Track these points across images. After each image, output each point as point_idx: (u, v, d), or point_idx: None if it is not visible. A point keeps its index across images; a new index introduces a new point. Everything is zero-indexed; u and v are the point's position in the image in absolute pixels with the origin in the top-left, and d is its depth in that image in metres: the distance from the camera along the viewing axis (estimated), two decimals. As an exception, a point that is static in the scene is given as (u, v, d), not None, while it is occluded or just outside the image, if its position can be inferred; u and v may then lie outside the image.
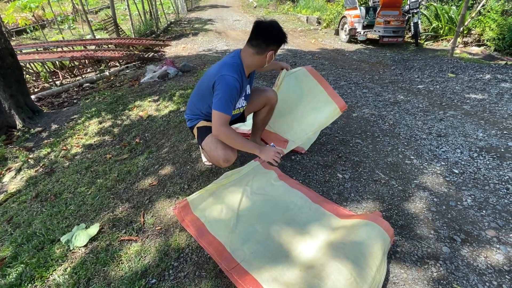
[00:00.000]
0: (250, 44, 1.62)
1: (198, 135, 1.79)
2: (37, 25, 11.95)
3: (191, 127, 1.84)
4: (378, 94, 3.41)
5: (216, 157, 1.66)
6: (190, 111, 1.84)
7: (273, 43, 1.61)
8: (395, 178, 1.93)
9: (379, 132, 2.51)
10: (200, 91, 1.75)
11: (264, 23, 1.58)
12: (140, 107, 3.50)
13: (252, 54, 1.62)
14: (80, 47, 7.07)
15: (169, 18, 12.26)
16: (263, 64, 1.68)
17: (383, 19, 5.47)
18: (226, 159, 1.65)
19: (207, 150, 1.72)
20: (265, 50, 1.60)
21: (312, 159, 2.13)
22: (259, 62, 1.66)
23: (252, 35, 1.60)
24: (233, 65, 1.62)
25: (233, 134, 1.56)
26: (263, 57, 1.63)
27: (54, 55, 5.80)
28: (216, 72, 1.61)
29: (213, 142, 1.66)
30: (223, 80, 1.55)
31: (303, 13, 10.64)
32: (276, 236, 1.42)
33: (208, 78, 1.65)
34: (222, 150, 1.63)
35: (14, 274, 1.51)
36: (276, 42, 1.61)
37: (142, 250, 1.49)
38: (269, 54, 1.62)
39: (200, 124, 1.79)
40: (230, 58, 1.66)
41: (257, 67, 1.73)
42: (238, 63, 1.64)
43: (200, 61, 5.32)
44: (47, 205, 2.12)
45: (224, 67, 1.61)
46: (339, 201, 1.73)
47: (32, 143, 3.30)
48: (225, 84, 1.54)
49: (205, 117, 1.80)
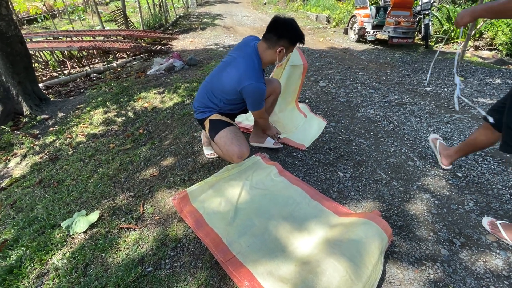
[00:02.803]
0: (264, 38, 1.65)
1: (210, 127, 1.77)
2: (47, 14, 12.07)
3: (202, 119, 1.82)
4: (384, 95, 3.37)
5: (231, 152, 1.67)
6: (202, 104, 1.81)
7: (284, 38, 1.61)
8: (396, 179, 1.91)
9: (383, 133, 2.49)
10: (221, 87, 1.72)
11: (281, 19, 1.60)
12: (145, 98, 3.52)
13: (265, 49, 1.65)
14: (89, 37, 7.11)
15: (178, 12, 12.27)
16: (273, 60, 1.69)
17: (393, 19, 5.39)
18: (240, 155, 1.67)
19: (220, 144, 1.72)
20: (276, 44, 1.62)
21: (313, 157, 2.12)
22: (270, 57, 1.67)
23: (267, 29, 1.63)
24: (255, 68, 1.64)
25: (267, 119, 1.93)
26: (273, 52, 1.64)
27: (63, 45, 5.85)
28: (240, 77, 1.61)
29: (228, 137, 1.68)
30: (253, 89, 1.61)
31: (313, 11, 10.56)
32: (273, 230, 1.42)
33: (231, 80, 1.64)
34: (237, 146, 1.66)
35: (14, 257, 1.54)
36: (287, 37, 1.61)
37: (140, 239, 1.51)
38: (279, 49, 1.62)
39: (213, 117, 1.77)
40: (250, 59, 1.64)
41: (269, 62, 1.72)
42: (259, 63, 1.66)
43: (207, 56, 5.31)
44: (50, 191, 2.15)
45: (250, 72, 1.61)
46: (338, 199, 1.72)
47: (38, 130, 3.34)
48: (256, 92, 1.62)
49: (219, 110, 1.79)
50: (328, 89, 3.54)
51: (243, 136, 1.81)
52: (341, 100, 3.20)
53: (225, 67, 1.72)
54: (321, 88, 3.59)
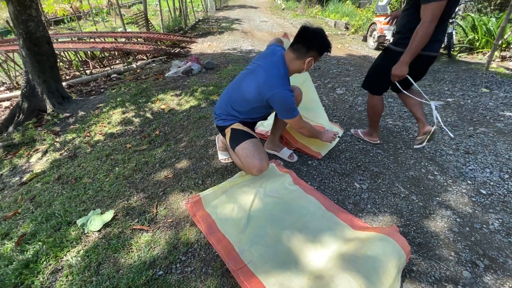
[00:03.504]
0: (291, 48, 1.64)
1: (232, 136, 1.76)
2: (73, 16, 12.57)
3: (223, 126, 1.81)
4: (404, 105, 3.28)
5: (251, 165, 1.67)
6: (224, 111, 1.80)
7: (313, 49, 1.60)
8: (415, 193, 1.84)
9: (402, 144, 2.41)
10: (241, 96, 1.71)
11: (310, 29, 1.59)
12: (162, 100, 3.58)
13: (293, 59, 1.64)
14: (111, 39, 7.34)
15: (197, 15, 12.49)
16: (301, 69, 1.68)
17: (415, 27, 5.27)
18: (260, 168, 1.67)
19: (241, 156, 1.71)
20: (305, 55, 1.61)
21: (329, 166, 2.07)
22: (298, 67, 1.66)
23: (295, 39, 1.63)
24: (283, 77, 1.63)
25: (311, 127, 1.81)
26: (302, 62, 1.63)
27: (86, 45, 6.06)
28: (267, 85, 1.60)
29: (250, 150, 1.68)
30: (281, 97, 1.59)
31: (331, 17, 10.49)
32: (286, 241, 1.39)
33: (257, 87, 1.63)
34: (258, 160, 1.66)
35: (31, 251, 1.58)
36: (316, 48, 1.61)
37: (152, 241, 1.51)
38: (308, 60, 1.62)
39: (235, 126, 1.77)
40: (275, 67, 1.63)
41: (296, 71, 1.71)
42: (287, 72, 1.65)
43: (224, 60, 5.36)
44: (68, 187, 2.21)
45: (277, 80, 1.60)
46: (354, 211, 1.67)
47: (59, 128, 3.46)
48: (284, 99, 1.60)
49: (241, 120, 1.78)
50: (345, 97, 3.48)
51: (264, 150, 1.80)
52: (358, 108, 3.14)
53: (248, 75, 1.72)
54: (338, 96, 3.54)
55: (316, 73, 4.50)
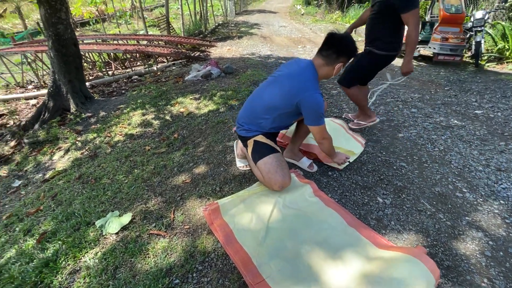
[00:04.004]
0: (320, 55, 1.64)
1: (254, 149, 1.74)
2: (99, 18, 13.04)
3: (246, 137, 1.78)
4: (428, 116, 3.16)
5: (273, 180, 1.66)
6: (246, 121, 1.78)
7: (343, 55, 1.62)
8: (443, 211, 1.74)
9: (427, 157, 2.31)
10: (270, 104, 1.68)
11: (338, 35, 1.60)
12: (181, 103, 3.61)
13: (322, 65, 1.64)
14: (133, 41, 7.53)
15: (217, 20, 12.66)
16: (330, 75, 1.69)
17: (440, 35, 5.10)
18: (282, 184, 1.67)
19: (263, 170, 1.69)
20: (335, 61, 1.62)
21: (350, 178, 2.00)
22: (327, 72, 1.66)
23: (324, 46, 1.63)
24: (314, 80, 1.63)
25: (332, 141, 1.76)
26: (331, 68, 1.64)
27: (110, 47, 6.24)
28: (299, 88, 1.59)
29: (273, 165, 1.67)
30: (313, 100, 1.57)
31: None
32: (306, 256, 1.34)
33: (287, 92, 1.61)
34: (281, 176, 1.66)
35: (51, 250, 1.60)
36: (346, 54, 1.62)
37: (169, 247, 1.50)
38: (338, 66, 1.62)
39: (259, 138, 1.75)
40: (307, 71, 1.63)
41: (324, 77, 1.71)
42: (316, 77, 1.65)
43: (243, 64, 5.37)
44: (87, 187, 2.25)
45: (308, 83, 1.60)
46: (377, 228, 1.59)
47: (81, 127, 3.55)
48: (315, 103, 1.57)
49: (265, 132, 1.76)
50: (366, 106, 3.39)
51: (287, 165, 1.77)
52: (380, 118, 3.04)
53: (271, 84, 1.72)
54: (358, 104, 3.45)
55: (336, 80, 4.42)
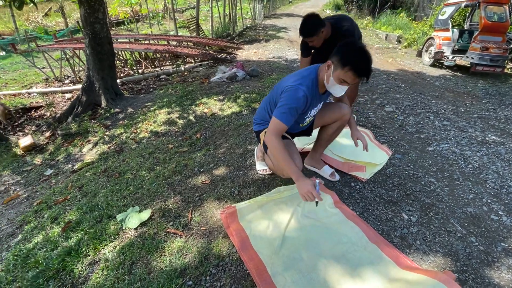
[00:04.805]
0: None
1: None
2: (133, 18, 13.64)
3: (258, 131, 1.81)
4: (462, 129, 2.97)
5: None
6: (260, 116, 1.81)
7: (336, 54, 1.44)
8: (475, 234, 1.61)
9: (459, 174, 2.16)
10: (271, 98, 1.71)
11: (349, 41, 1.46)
12: (206, 104, 3.66)
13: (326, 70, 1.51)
14: (164, 41, 7.78)
15: (245, 22, 12.79)
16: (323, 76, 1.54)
17: (480, 44, 4.80)
18: None
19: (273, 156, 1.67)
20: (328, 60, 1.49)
21: (374, 191, 1.92)
22: (322, 74, 1.55)
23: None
24: (305, 77, 1.56)
25: (281, 149, 1.47)
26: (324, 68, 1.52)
27: (141, 46, 6.49)
28: (290, 79, 1.58)
29: None
30: (290, 89, 1.50)
31: (383, 29, 10.04)
32: (323, 270, 1.28)
33: (281, 88, 1.60)
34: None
35: (74, 239, 1.67)
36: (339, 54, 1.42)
37: (185, 247, 1.50)
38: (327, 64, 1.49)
39: None
40: (306, 70, 1.59)
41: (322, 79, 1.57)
42: (312, 77, 1.56)
43: (269, 68, 5.37)
44: (112, 181, 2.32)
45: (296, 78, 1.56)
46: (401, 246, 1.50)
47: (110, 122, 3.70)
48: (291, 93, 1.49)
49: None
50: (395, 115, 3.25)
51: (298, 151, 1.73)
52: (409, 129, 2.90)
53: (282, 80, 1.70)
54: (386, 113, 3.32)
55: (364, 87, 4.30)
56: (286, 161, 1.45)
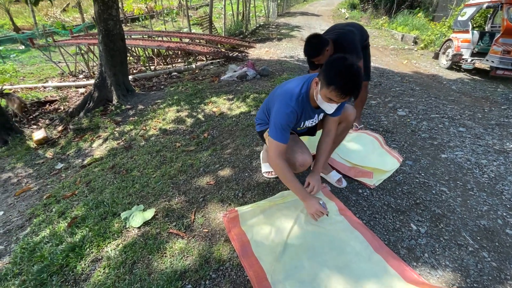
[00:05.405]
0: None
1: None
2: (147, 15, 13.79)
3: (261, 131, 1.79)
4: (479, 137, 2.85)
5: (292, 159, 1.59)
6: (259, 116, 1.80)
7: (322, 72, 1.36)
8: (488, 248, 1.54)
9: (474, 184, 2.07)
10: (269, 101, 1.69)
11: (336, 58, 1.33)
12: (215, 103, 3.65)
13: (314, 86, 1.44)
14: (176, 38, 7.83)
15: (259, 21, 12.73)
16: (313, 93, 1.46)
17: (502, 48, 4.59)
18: (303, 162, 1.58)
19: None
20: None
21: (382, 198, 1.86)
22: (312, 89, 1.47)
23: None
24: (294, 94, 1.47)
25: (286, 170, 1.49)
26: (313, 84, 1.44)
27: (154, 43, 6.54)
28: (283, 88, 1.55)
29: (289, 144, 1.55)
30: (281, 102, 1.47)
31: (399, 30, 9.78)
32: (325, 280, 1.25)
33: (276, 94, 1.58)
34: (300, 153, 1.59)
35: (79, 235, 1.69)
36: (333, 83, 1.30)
37: (186, 249, 1.50)
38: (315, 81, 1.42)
39: None
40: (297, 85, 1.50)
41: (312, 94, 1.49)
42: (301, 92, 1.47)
43: (280, 67, 5.31)
44: (118, 178, 2.35)
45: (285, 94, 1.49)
46: (407, 258, 1.45)
47: (120, 118, 3.75)
48: (280, 107, 1.46)
49: None
50: (407, 120, 3.16)
51: (305, 144, 1.69)
52: (422, 135, 2.80)
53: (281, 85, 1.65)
54: (399, 118, 3.22)
55: (376, 90, 4.19)
56: (292, 182, 1.51)
